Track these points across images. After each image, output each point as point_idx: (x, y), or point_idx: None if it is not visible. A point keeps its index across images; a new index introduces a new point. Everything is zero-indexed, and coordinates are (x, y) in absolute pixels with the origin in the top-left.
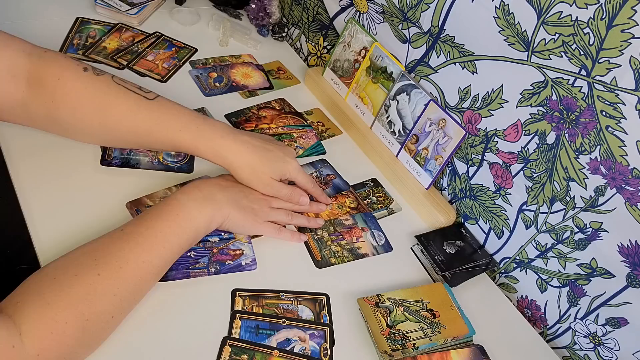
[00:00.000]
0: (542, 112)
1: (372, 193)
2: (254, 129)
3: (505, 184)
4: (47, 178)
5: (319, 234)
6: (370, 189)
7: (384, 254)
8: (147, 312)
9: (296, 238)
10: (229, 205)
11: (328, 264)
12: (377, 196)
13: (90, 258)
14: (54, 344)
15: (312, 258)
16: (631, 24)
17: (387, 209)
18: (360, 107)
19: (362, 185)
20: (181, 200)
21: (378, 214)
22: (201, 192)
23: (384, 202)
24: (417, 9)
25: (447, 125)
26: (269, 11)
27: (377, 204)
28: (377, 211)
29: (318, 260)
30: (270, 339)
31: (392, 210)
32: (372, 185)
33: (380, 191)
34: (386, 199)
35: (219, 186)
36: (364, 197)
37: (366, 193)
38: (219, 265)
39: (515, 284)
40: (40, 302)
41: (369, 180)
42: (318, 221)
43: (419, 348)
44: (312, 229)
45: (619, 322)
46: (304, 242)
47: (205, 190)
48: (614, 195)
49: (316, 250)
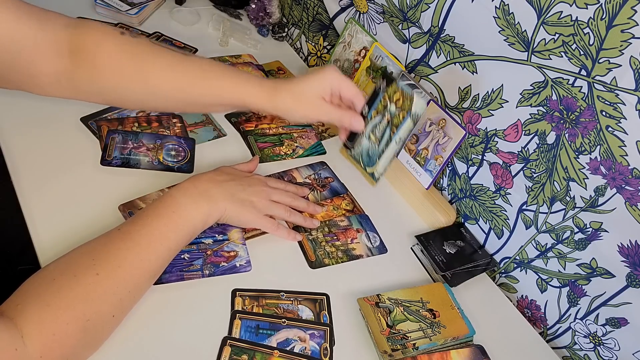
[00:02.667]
0: (542, 112)
1: (388, 97)
2: (254, 129)
3: (505, 184)
4: (47, 178)
5: (313, 235)
6: (384, 91)
7: (378, 255)
8: (148, 313)
9: (292, 236)
10: (225, 200)
11: (322, 264)
12: (395, 101)
13: (88, 258)
14: (57, 345)
15: (306, 259)
16: (631, 24)
17: (411, 115)
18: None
19: (375, 94)
20: (177, 198)
21: (403, 130)
22: (197, 188)
23: (404, 106)
24: (417, 9)
25: (447, 125)
26: (269, 11)
27: (397, 114)
28: (401, 124)
29: (312, 260)
30: (271, 339)
31: (415, 116)
32: (385, 83)
33: (395, 89)
34: (405, 99)
35: (214, 181)
36: (382, 111)
37: (383, 103)
38: (213, 268)
39: (515, 284)
40: (40, 304)
41: (379, 75)
42: (314, 222)
43: (419, 348)
44: (306, 229)
45: (619, 322)
46: (298, 242)
47: (200, 187)
48: (614, 195)
49: (310, 250)
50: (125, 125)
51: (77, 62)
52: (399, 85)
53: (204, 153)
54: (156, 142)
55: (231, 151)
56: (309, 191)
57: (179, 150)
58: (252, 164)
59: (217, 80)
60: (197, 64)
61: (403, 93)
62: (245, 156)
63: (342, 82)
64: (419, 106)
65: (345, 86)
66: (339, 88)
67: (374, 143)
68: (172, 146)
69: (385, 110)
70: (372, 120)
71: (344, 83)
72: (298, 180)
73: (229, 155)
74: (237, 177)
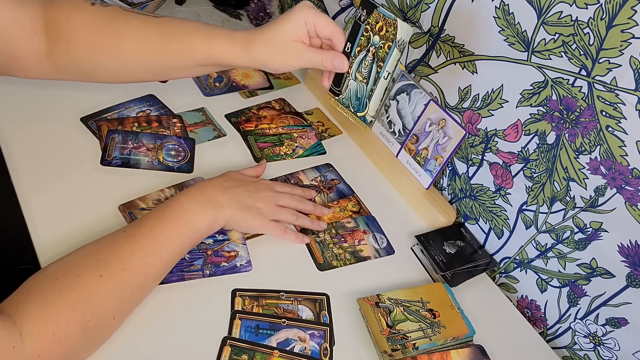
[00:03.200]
0: (542, 112)
1: (370, 28)
2: (254, 129)
3: (505, 184)
4: (47, 178)
5: (321, 237)
6: (366, 22)
7: (386, 256)
8: (147, 313)
9: (300, 239)
10: (231, 207)
11: (330, 266)
12: (378, 31)
13: (92, 259)
14: (56, 345)
15: (314, 261)
16: (631, 24)
17: (396, 43)
18: None
19: (356, 27)
20: (183, 203)
21: (391, 62)
22: (203, 194)
23: (387, 35)
24: (417, 8)
25: (447, 125)
26: (268, 11)
27: (383, 45)
28: (388, 56)
29: (320, 262)
30: (271, 339)
31: (402, 43)
32: (366, 12)
33: (377, 18)
34: (389, 27)
35: (221, 188)
36: (365, 45)
37: (366, 35)
38: (213, 268)
39: (515, 284)
40: (41, 303)
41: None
42: (321, 224)
43: (419, 348)
44: (314, 232)
45: (619, 322)
46: (306, 244)
47: (207, 193)
48: (614, 195)
49: (318, 252)
50: (125, 125)
51: (53, 39)
52: (380, 11)
53: (204, 153)
54: (156, 142)
55: (231, 151)
56: (316, 193)
57: (179, 150)
58: (259, 168)
59: (187, 40)
60: (167, 25)
61: (386, 20)
62: (245, 156)
63: (317, 19)
64: (404, 31)
65: (320, 23)
66: (315, 26)
67: (361, 83)
68: (172, 146)
69: (369, 43)
70: (356, 58)
71: (319, 20)
72: (305, 183)
73: (228, 156)
74: (244, 182)
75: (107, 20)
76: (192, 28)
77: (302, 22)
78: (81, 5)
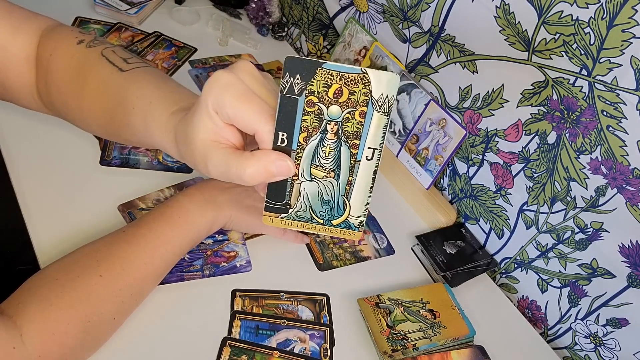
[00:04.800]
0: (543, 112)
1: (318, 98)
2: None
3: (506, 184)
4: (46, 178)
5: (320, 237)
6: (305, 92)
7: (386, 256)
8: (147, 313)
9: (299, 239)
10: (231, 207)
11: (330, 266)
12: (334, 97)
13: (92, 259)
14: (56, 345)
15: (314, 261)
16: (632, 23)
17: (374, 103)
18: None
19: (288, 104)
20: (183, 203)
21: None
22: (203, 195)
23: (356, 98)
24: (418, 8)
25: (447, 125)
26: (268, 10)
27: (349, 114)
28: (365, 127)
29: (320, 263)
30: (270, 339)
31: (384, 101)
32: (300, 77)
33: (326, 79)
34: (354, 85)
35: (221, 188)
36: (316, 123)
37: (312, 110)
38: (213, 268)
39: (516, 284)
40: (42, 303)
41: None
42: None
43: (420, 348)
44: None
45: (620, 322)
46: (306, 244)
47: (207, 193)
48: (614, 195)
49: (318, 252)
50: None
51: (38, 74)
52: (329, 68)
53: None
54: None
55: None
56: None
57: None
58: None
59: (130, 115)
60: (122, 87)
61: (345, 77)
62: None
63: (226, 109)
64: (383, 84)
65: (232, 114)
66: (229, 118)
67: (325, 180)
68: None
69: (321, 120)
70: (305, 148)
71: (230, 110)
72: None
73: None
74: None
75: (78, 70)
76: (138, 98)
77: (209, 113)
78: (68, 42)
